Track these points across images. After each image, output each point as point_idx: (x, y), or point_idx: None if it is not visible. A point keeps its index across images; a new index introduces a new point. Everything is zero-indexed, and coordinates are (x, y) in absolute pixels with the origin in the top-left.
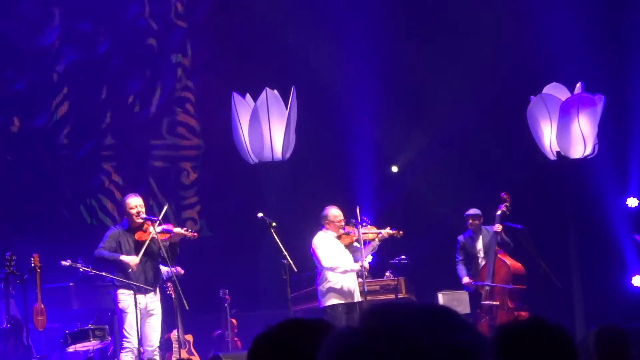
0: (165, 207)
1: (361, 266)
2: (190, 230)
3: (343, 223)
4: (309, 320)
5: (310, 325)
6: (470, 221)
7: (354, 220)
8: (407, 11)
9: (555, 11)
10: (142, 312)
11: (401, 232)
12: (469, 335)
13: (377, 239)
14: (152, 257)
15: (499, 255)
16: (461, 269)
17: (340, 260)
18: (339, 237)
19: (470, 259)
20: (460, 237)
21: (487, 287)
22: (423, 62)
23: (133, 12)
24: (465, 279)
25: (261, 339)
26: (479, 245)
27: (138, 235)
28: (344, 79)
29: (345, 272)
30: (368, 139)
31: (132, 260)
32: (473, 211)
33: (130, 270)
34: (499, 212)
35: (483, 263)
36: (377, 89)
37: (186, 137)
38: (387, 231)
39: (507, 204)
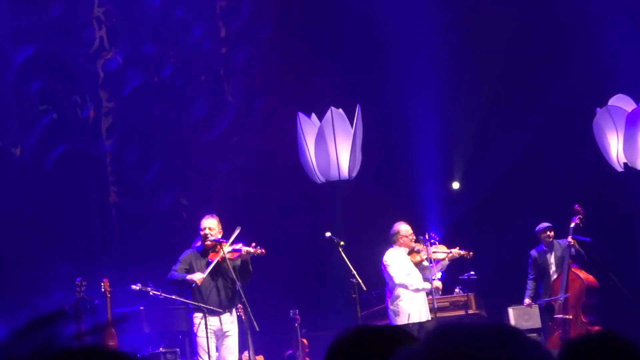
0: (237, 231)
1: (432, 286)
2: (258, 247)
3: (414, 237)
4: (388, 328)
5: (389, 333)
6: (545, 234)
7: (422, 238)
8: (468, 27)
9: (618, 23)
10: (217, 334)
11: (471, 252)
12: (537, 355)
13: (446, 259)
14: (225, 277)
15: (572, 269)
16: (527, 289)
17: (412, 278)
18: (409, 254)
19: (542, 273)
20: (533, 252)
21: (561, 300)
22: (488, 76)
23: (197, 35)
24: (526, 300)
25: (337, 345)
26: (552, 259)
27: (210, 256)
28: (408, 96)
29: (417, 290)
30: (434, 155)
31: (197, 276)
32: (545, 225)
33: (194, 285)
34: (572, 225)
35: (555, 277)
36: (442, 105)
37: (253, 158)
38: (457, 251)
39: (581, 216)
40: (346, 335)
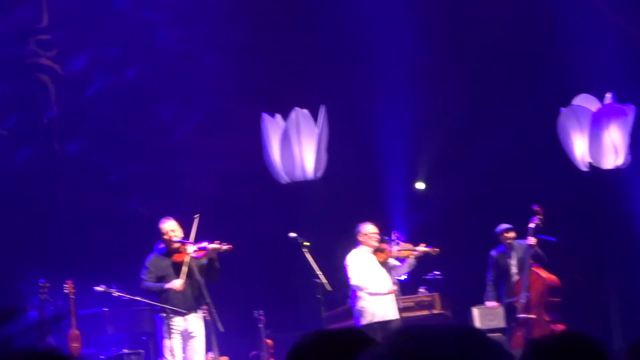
0: (196, 219)
1: (391, 290)
2: (223, 243)
3: (378, 237)
4: (347, 332)
5: (348, 337)
6: (504, 235)
7: (387, 238)
8: (435, 28)
9: (583, 22)
10: (182, 335)
11: (437, 249)
12: (499, 355)
13: (412, 257)
14: (191, 278)
15: (533, 269)
16: (488, 291)
17: (372, 280)
18: (374, 253)
19: (503, 275)
20: (493, 252)
21: (523, 300)
22: (454, 78)
23: (162, 36)
24: (490, 304)
25: (296, 352)
26: (513, 260)
27: (175, 257)
28: (374, 96)
29: (371, 293)
30: (400, 156)
31: (176, 284)
32: (505, 226)
33: (170, 292)
34: (532, 225)
35: (516, 278)
36: (408, 105)
37: (218, 159)
38: (422, 249)
39: (540, 217)
40: (304, 341)
